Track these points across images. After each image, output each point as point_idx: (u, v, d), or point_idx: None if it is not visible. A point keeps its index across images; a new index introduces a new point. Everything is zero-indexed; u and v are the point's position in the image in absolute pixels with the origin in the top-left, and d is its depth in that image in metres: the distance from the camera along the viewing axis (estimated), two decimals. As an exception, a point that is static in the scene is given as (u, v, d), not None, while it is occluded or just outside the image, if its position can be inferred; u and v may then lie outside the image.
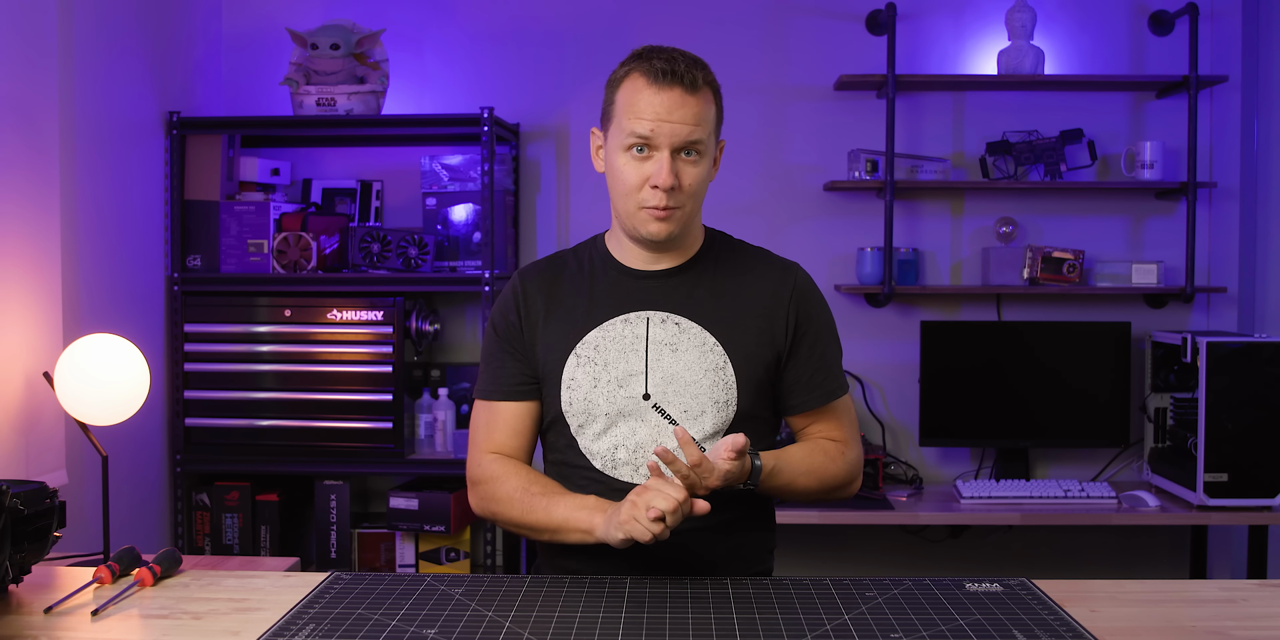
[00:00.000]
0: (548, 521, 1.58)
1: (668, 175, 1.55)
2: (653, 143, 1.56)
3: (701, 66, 1.60)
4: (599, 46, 3.36)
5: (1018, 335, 3.30)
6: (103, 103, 2.77)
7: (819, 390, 1.68)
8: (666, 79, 1.55)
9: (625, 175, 1.59)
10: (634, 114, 1.57)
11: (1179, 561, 3.41)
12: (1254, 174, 3.37)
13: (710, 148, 1.61)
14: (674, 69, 1.55)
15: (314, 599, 1.45)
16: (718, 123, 1.63)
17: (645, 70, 1.57)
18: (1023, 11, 3.24)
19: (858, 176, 3.29)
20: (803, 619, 1.36)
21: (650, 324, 1.65)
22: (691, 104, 1.56)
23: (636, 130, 1.56)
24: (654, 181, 1.56)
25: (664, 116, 1.55)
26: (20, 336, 2.28)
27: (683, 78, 1.55)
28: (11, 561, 1.49)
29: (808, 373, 1.68)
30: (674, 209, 1.59)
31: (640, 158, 1.58)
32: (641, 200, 1.59)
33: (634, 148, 1.58)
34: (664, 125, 1.55)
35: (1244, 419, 2.92)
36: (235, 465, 3.13)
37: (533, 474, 1.65)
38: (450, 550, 3.20)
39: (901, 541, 3.42)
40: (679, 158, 1.57)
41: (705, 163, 1.60)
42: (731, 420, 1.63)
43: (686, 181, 1.58)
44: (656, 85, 1.56)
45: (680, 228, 1.62)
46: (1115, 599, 1.48)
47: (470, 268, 3.22)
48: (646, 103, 1.56)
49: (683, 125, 1.55)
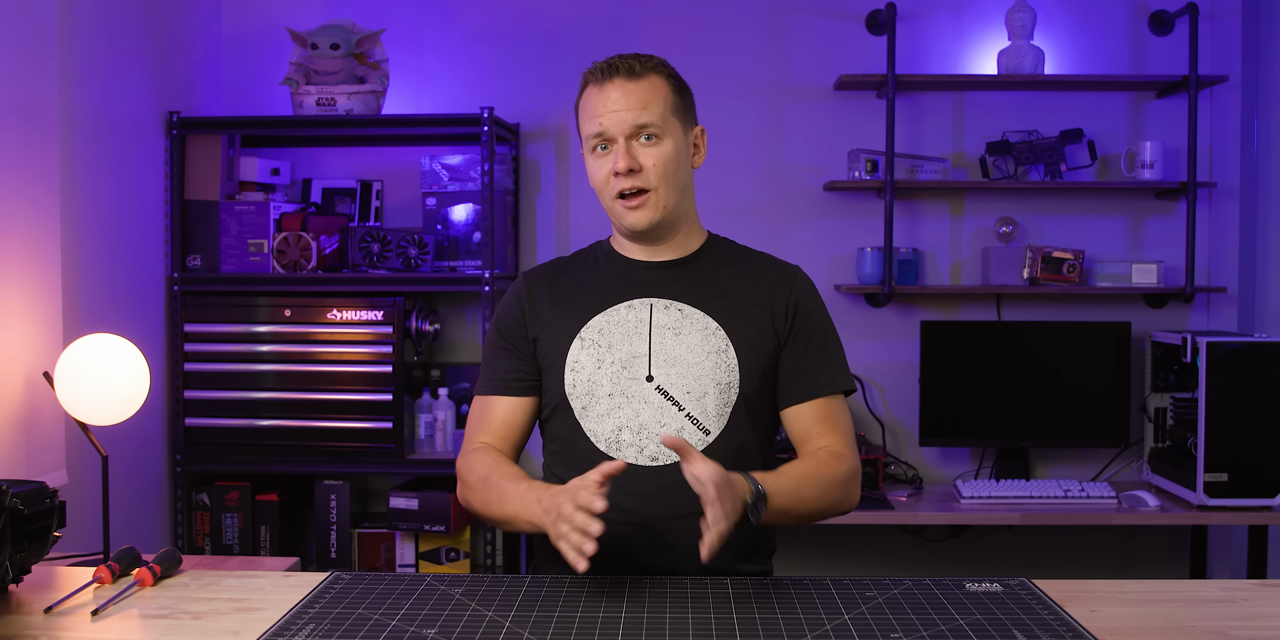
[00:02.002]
0: (501, 513, 1.58)
1: (622, 158, 1.61)
2: (607, 135, 1.63)
3: (646, 57, 1.66)
4: (599, 46, 3.36)
5: (1018, 335, 3.30)
6: (103, 103, 2.77)
7: (810, 383, 1.68)
8: (605, 74, 1.64)
9: (594, 173, 1.66)
10: (587, 116, 1.65)
11: (1179, 561, 3.41)
12: (1254, 174, 3.37)
13: (670, 130, 1.64)
14: (611, 64, 1.64)
15: (314, 599, 1.45)
16: (677, 108, 1.66)
17: (590, 77, 1.67)
18: (1023, 11, 3.24)
19: (858, 176, 3.29)
20: (803, 619, 1.36)
21: (654, 309, 1.68)
22: (633, 90, 1.62)
23: (591, 130, 1.64)
24: (614, 168, 1.62)
25: (611, 107, 1.62)
26: (20, 336, 2.28)
27: (619, 68, 1.63)
28: (11, 561, 1.49)
29: (800, 366, 1.68)
30: (644, 192, 1.62)
31: (603, 155, 1.65)
32: (612, 191, 1.63)
33: (596, 147, 1.65)
34: (611, 115, 1.62)
35: (1244, 419, 2.92)
36: (235, 465, 3.13)
37: (496, 462, 1.64)
38: (450, 550, 3.20)
39: (901, 541, 3.42)
40: (635, 143, 1.62)
41: (667, 145, 1.63)
42: (735, 402, 1.64)
43: (648, 163, 1.62)
44: (598, 84, 1.65)
45: (661, 215, 1.64)
46: (1115, 599, 1.48)
47: (470, 268, 3.22)
48: (595, 101, 1.64)
49: (628, 111, 1.61)
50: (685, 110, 1.69)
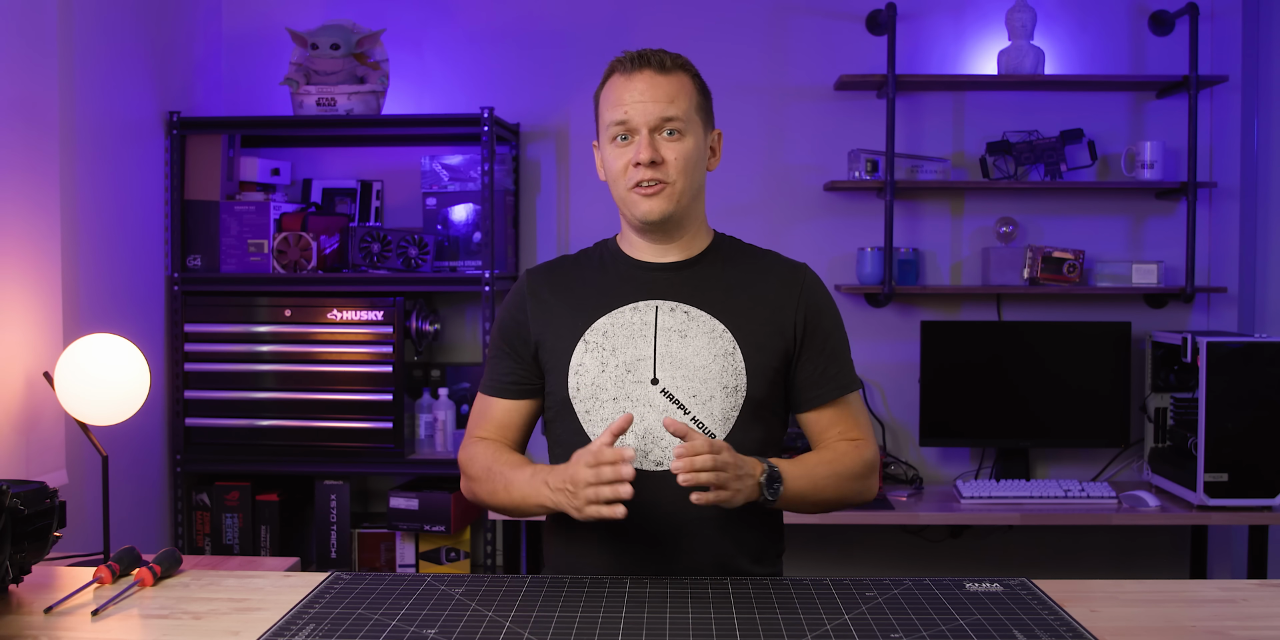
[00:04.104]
0: (509, 500, 1.61)
1: (646, 149, 1.60)
2: (630, 125, 1.62)
3: (675, 55, 1.66)
4: (599, 46, 3.36)
5: (1018, 335, 3.30)
6: (103, 103, 2.77)
7: (832, 383, 1.68)
8: (635, 65, 1.63)
9: (611, 163, 1.65)
10: (611, 104, 1.64)
11: (1179, 561, 3.41)
12: (1254, 174, 3.37)
13: (693, 128, 1.64)
14: (642, 55, 1.64)
15: (314, 599, 1.45)
16: (700, 108, 1.67)
17: (617, 66, 1.66)
18: (1023, 11, 3.24)
19: (858, 176, 3.29)
20: (803, 619, 1.36)
21: (659, 312, 1.67)
22: (662, 84, 1.62)
23: (615, 118, 1.63)
24: (635, 159, 1.61)
25: (637, 98, 1.61)
26: (20, 336, 2.28)
27: (649, 61, 1.63)
28: (11, 561, 1.49)
29: (820, 366, 1.68)
30: (662, 184, 1.62)
31: (624, 145, 1.63)
32: (629, 181, 1.62)
33: (617, 137, 1.64)
34: (637, 106, 1.61)
35: (1244, 419, 2.92)
36: (235, 465, 3.13)
37: (499, 452, 1.67)
38: (450, 550, 3.20)
39: (901, 541, 3.42)
40: (659, 137, 1.62)
41: (689, 142, 1.63)
42: (741, 406, 1.63)
43: (669, 156, 1.62)
44: (627, 74, 1.64)
45: (674, 208, 1.63)
46: (1115, 599, 1.48)
47: (470, 268, 3.22)
48: (621, 90, 1.63)
49: (655, 103, 1.61)
50: (707, 111, 1.69)
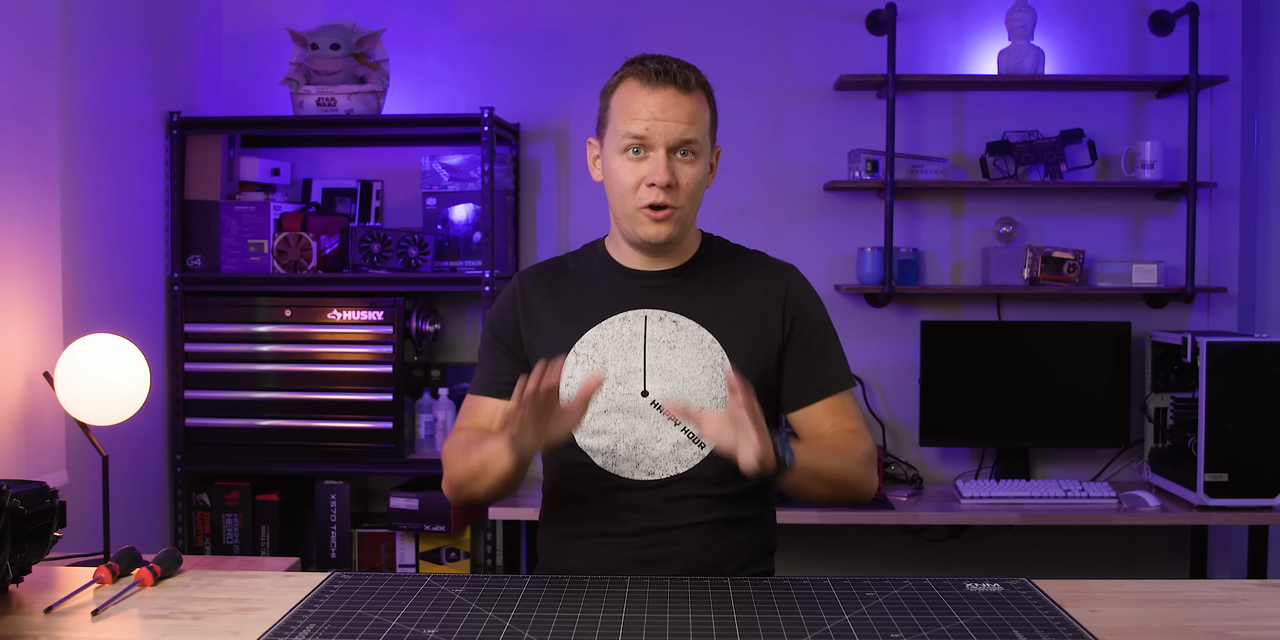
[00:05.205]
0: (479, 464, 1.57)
1: (664, 172, 1.57)
2: (648, 142, 1.58)
3: (694, 70, 1.62)
4: (599, 46, 3.36)
5: (1018, 335, 3.30)
6: (103, 103, 2.77)
7: (821, 380, 1.68)
8: (660, 79, 1.58)
9: (622, 177, 1.60)
10: (629, 115, 1.58)
11: (1179, 561, 3.41)
12: (1254, 174, 3.37)
13: (705, 150, 1.62)
14: (666, 69, 1.58)
15: (314, 599, 1.45)
16: (712, 126, 1.65)
17: (639, 73, 1.60)
18: (1023, 11, 3.24)
19: (858, 176, 3.29)
20: (803, 619, 1.36)
21: (648, 322, 1.66)
22: (685, 103, 1.58)
23: (632, 130, 1.58)
24: (650, 179, 1.57)
25: (658, 115, 1.57)
26: (20, 336, 2.28)
27: (675, 77, 1.58)
28: (11, 561, 1.49)
29: (808, 365, 1.68)
30: (672, 209, 1.59)
31: (636, 159, 1.59)
32: (639, 200, 1.59)
33: (630, 149, 1.59)
34: (658, 124, 1.57)
35: (1244, 419, 2.92)
36: (235, 465, 3.13)
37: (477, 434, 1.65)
38: (450, 550, 3.20)
39: (901, 541, 3.42)
40: (674, 157, 1.59)
41: (701, 164, 1.61)
42: None
43: (683, 180, 1.59)
44: (650, 86, 1.58)
45: (679, 230, 1.63)
46: (1115, 599, 1.48)
47: (470, 268, 3.22)
48: (641, 103, 1.58)
49: (676, 124, 1.57)
50: (714, 130, 1.67)
